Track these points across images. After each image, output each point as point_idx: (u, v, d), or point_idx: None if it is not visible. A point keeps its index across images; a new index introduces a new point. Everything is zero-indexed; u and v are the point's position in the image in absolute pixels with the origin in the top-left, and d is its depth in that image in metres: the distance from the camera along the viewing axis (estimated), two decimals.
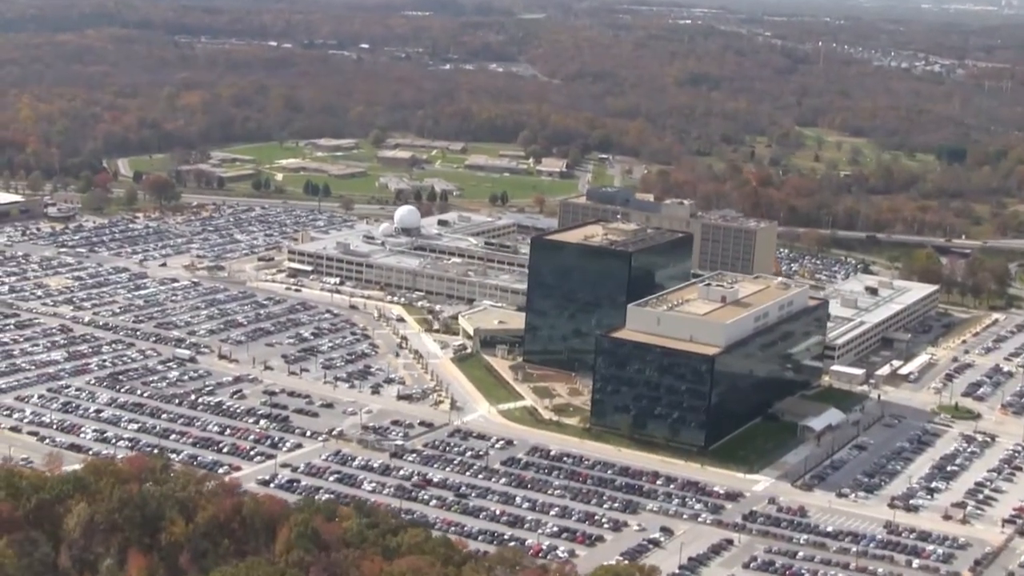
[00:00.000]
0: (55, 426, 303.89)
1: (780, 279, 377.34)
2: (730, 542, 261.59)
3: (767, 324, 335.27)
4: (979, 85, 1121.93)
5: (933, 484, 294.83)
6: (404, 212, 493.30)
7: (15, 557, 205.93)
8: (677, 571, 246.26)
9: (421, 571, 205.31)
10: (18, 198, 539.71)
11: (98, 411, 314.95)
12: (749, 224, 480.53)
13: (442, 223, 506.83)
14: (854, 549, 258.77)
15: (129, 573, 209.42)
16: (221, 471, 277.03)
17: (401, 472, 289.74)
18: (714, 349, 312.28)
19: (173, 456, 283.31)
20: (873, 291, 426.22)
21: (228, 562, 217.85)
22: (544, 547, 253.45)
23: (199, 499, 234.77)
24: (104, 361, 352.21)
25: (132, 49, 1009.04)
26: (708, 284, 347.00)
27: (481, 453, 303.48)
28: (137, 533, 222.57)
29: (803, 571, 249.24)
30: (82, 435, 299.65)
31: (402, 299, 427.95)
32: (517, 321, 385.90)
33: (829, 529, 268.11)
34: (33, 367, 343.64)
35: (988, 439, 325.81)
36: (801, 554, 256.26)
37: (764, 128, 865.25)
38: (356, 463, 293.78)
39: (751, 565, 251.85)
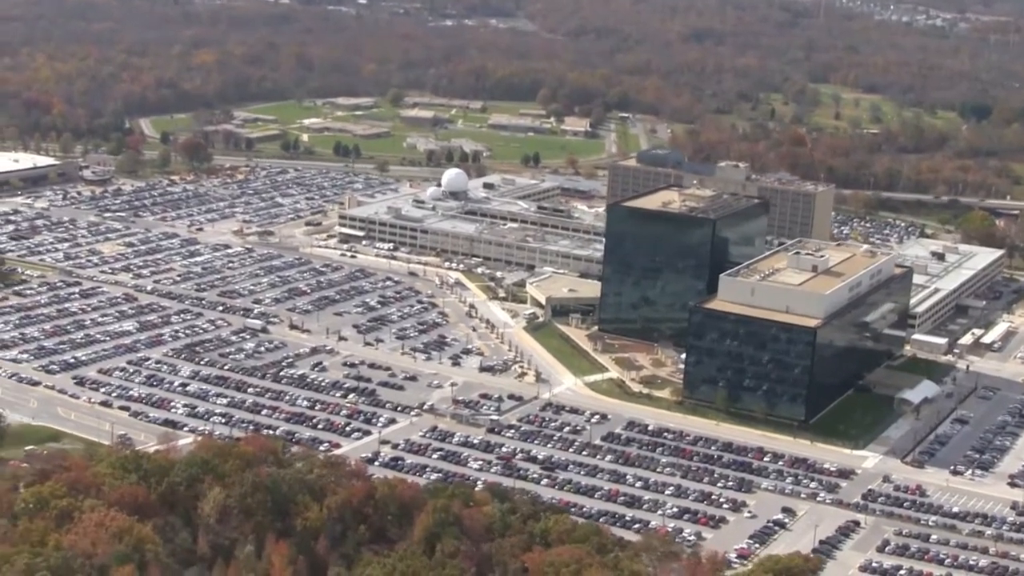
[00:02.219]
0: (145, 401, 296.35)
1: (866, 246, 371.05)
2: (857, 524, 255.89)
3: (859, 294, 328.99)
4: (984, 39, 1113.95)
5: None
6: (452, 175, 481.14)
7: (160, 544, 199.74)
8: (811, 555, 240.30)
9: (582, 561, 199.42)
10: (53, 161, 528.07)
11: (183, 385, 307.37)
12: (807, 187, 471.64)
13: (487, 186, 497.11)
14: (988, 532, 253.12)
15: (270, 559, 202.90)
16: (322, 448, 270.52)
17: (504, 449, 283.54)
18: (814, 321, 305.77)
19: (268, 432, 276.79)
20: (940, 256, 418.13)
21: (368, 548, 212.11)
22: (670, 529, 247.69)
23: (328, 483, 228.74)
24: (177, 332, 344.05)
25: (134, 5, 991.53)
26: (797, 253, 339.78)
27: (579, 428, 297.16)
28: (270, 518, 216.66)
29: (941, 555, 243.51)
30: (173, 410, 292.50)
31: (460, 265, 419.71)
32: (586, 289, 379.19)
33: (955, 510, 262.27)
34: (108, 338, 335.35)
35: None
36: (934, 537, 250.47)
37: (778, 85, 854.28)
38: (456, 439, 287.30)
39: (885, 549, 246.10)
